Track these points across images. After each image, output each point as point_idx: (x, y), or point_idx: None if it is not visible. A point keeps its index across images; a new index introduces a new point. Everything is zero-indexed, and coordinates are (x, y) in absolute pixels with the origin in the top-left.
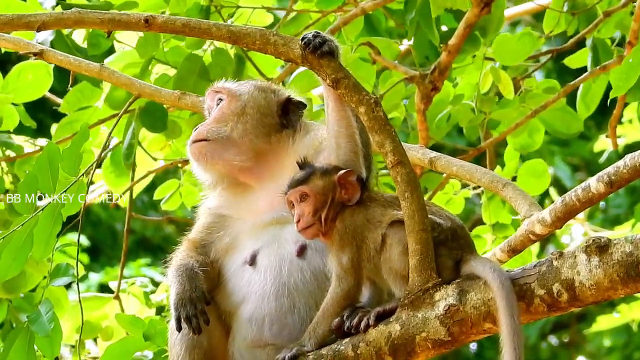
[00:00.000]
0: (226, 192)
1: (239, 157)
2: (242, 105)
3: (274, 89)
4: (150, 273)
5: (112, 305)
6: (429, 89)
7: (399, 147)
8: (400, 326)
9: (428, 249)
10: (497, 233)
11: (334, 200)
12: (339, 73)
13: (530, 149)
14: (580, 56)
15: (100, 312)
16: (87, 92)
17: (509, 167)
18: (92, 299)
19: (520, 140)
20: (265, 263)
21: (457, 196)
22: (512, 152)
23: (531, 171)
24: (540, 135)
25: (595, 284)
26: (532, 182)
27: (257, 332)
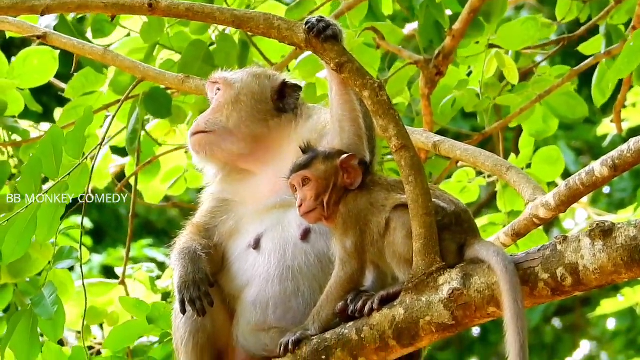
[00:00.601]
0: (229, 178)
1: (237, 146)
2: (236, 94)
3: (269, 74)
4: (153, 254)
5: (118, 290)
6: (433, 73)
7: (402, 131)
8: (404, 310)
9: (432, 233)
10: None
11: (336, 185)
12: (343, 57)
13: (546, 134)
14: (594, 43)
15: (105, 297)
16: (92, 77)
17: (524, 154)
18: (97, 285)
19: (535, 127)
20: (269, 247)
21: (472, 184)
22: (527, 138)
23: (545, 158)
24: (554, 121)
25: (599, 268)
26: (547, 169)
27: (261, 316)
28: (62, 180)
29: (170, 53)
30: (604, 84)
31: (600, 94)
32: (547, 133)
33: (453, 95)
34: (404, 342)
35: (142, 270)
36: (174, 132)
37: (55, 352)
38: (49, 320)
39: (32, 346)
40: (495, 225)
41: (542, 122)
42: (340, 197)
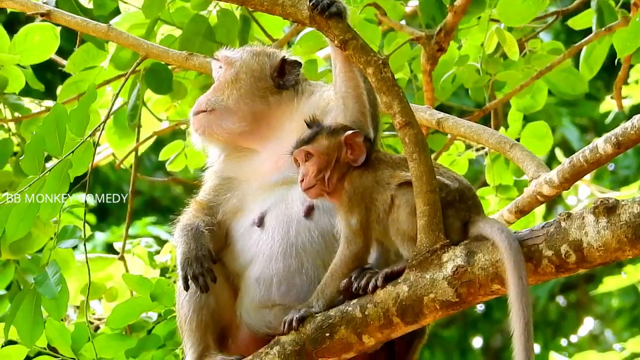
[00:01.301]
0: (231, 157)
1: (237, 124)
2: (236, 72)
3: (268, 52)
4: (157, 231)
5: (117, 265)
6: (434, 49)
7: (407, 108)
8: (408, 287)
9: (436, 210)
10: (501, 194)
11: (339, 161)
12: (347, 34)
13: (533, 109)
14: (585, 17)
15: (104, 272)
16: (93, 52)
17: (513, 128)
18: (96, 260)
19: (523, 102)
20: (273, 224)
21: (461, 157)
22: (516, 113)
23: (535, 133)
24: (543, 96)
25: (603, 245)
26: (536, 143)
27: (265, 293)
28: (65, 158)
29: (171, 28)
30: (592, 59)
31: (588, 69)
32: (535, 108)
33: (453, 71)
34: (407, 319)
35: (141, 246)
36: (175, 108)
37: (58, 329)
38: (52, 300)
39: (35, 324)
40: (482, 199)
41: (530, 97)
42: (344, 173)
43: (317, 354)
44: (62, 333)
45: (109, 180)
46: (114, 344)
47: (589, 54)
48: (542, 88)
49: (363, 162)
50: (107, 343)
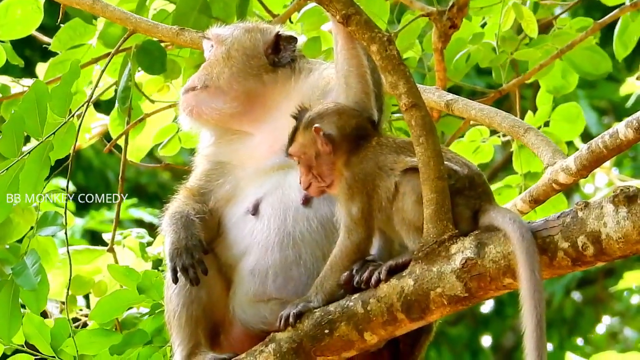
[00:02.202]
0: (224, 139)
1: (228, 105)
2: (227, 49)
3: (261, 27)
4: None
5: (106, 258)
6: (447, 26)
7: (413, 88)
8: (413, 281)
9: (444, 198)
10: (529, 182)
11: (320, 154)
12: (350, 8)
13: (565, 91)
14: None
15: (92, 265)
16: (80, 29)
17: (542, 111)
18: (83, 252)
19: (553, 82)
20: (268, 212)
21: (485, 144)
22: (545, 95)
23: (565, 115)
24: (574, 76)
25: (624, 236)
26: (566, 127)
27: (260, 286)
28: (46, 140)
29: (164, 3)
30: (626, 36)
31: (622, 46)
32: (566, 89)
33: (467, 49)
34: (413, 315)
35: (132, 237)
36: (168, 88)
37: (37, 325)
38: (31, 291)
39: (13, 318)
40: (510, 187)
41: (560, 78)
42: (335, 163)
43: (315, 352)
44: (41, 329)
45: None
46: (97, 340)
47: (623, 29)
48: (571, 68)
49: (362, 147)
50: (90, 339)
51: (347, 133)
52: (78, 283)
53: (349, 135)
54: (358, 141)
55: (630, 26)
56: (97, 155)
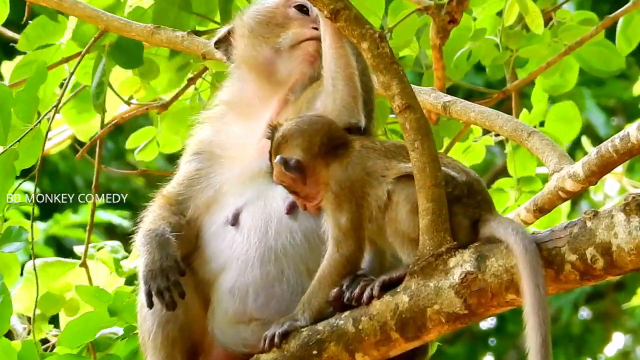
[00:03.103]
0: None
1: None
2: None
3: None
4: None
5: (77, 272)
6: (445, 21)
7: (407, 88)
8: (408, 297)
9: (441, 207)
10: (523, 187)
11: (296, 180)
12: (339, 3)
13: (563, 89)
14: None
15: (62, 281)
16: (49, 27)
17: (537, 110)
18: (53, 265)
19: (550, 81)
20: (249, 223)
21: (477, 143)
22: (541, 93)
23: (561, 115)
24: (573, 74)
25: (636, 247)
26: (563, 127)
27: (240, 305)
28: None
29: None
30: (630, 30)
31: (626, 42)
32: (565, 88)
33: (469, 46)
34: (408, 334)
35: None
36: (144, 89)
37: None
38: None
39: None
40: (503, 191)
41: (558, 76)
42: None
43: None
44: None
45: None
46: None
47: (627, 23)
48: (573, 65)
49: (343, 154)
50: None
51: (316, 151)
52: (48, 301)
53: (319, 151)
54: (335, 151)
55: (635, 19)
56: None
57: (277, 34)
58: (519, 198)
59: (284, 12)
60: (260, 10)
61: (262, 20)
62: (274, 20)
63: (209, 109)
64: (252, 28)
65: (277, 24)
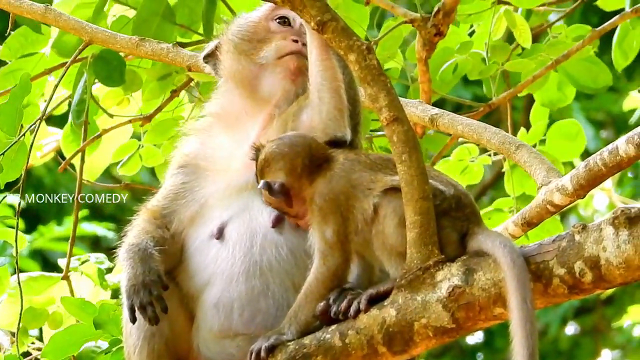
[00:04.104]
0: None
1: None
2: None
3: None
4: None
5: (60, 286)
6: (432, 34)
7: (395, 101)
8: (396, 311)
9: (429, 221)
10: (522, 205)
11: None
12: (326, 14)
13: (561, 103)
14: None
15: (46, 295)
16: (32, 36)
17: (537, 128)
18: (37, 279)
19: (549, 95)
20: (234, 237)
21: (475, 163)
22: (540, 109)
23: (564, 132)
24: (571, 88)
25: (625, 261)
26: (565, 145)
27: (225, 320)
28: None
29: (124, 9)
30: (626, 44)
31: (622, 55)
32: (563, 102)
33: (455, 59)
34: (395, 348)
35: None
36: (128, 102)
37: None
38: None
39: None
40: (501, 211)
41: (556, 90)
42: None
43: None
44: None
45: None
46: None
47: (623, 36)
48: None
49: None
50: None
51: (299, 172)
52: (31, 315)
53: (302, 172)
54: (319, 168)
55: (630, 34)
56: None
57: (259, 49)
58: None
59: (266, 26)
60: (243, 26)
61: (245, 36)
62: (256, 36)
63: (195, 120)
64: (236, 44)
65: (259, 39)
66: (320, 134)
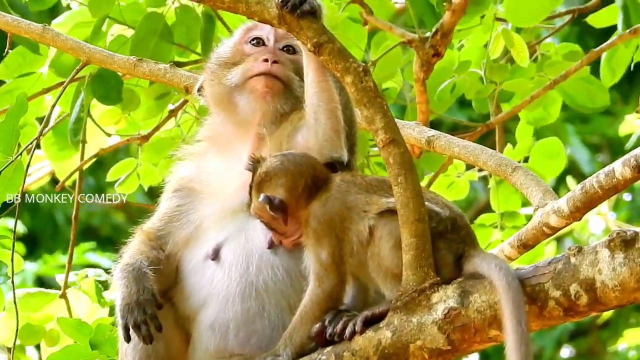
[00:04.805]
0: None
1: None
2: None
3: None
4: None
5: (58, 303)
6: (429, 54)
7: (391, 123)
8: (391, 333)
9: (425, 243)
10: (507, 222)
11: (276, 218)
12: (322, 36)
13: (545, 122)
14: (608, 13)
15: (43, 312)
16: (30, 55)
17: (522, 145)
18: (34, 296)
19: (534, 113)
20: (230, 258)
21: (460, 179)
22: (526, 127)
23: (546, 151)
24: (556, 107)
25: (620, 284)
26: (547, 163)
27: (221, 341)
28: None
29: (122, 28)
30: (614, 61)
31: (610, 73)
32: (546, 120)
33: (452, 79)
34: None
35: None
36: (125, 121)
37: None
38: None
39: None
40: (484, 227)
41: (541, 108)
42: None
43: None
44: None
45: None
46: None
47: (611, 55)
48: (556, 98)
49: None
50: None
51: (300, 192)
52: (28, 332)
53: (302, 193)
54: (317, 189)
55: (620, 51)
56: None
57: (229, 72)
58: (503, 234)
59: (241, 49)
60: (220, 52)
61: (221, 62)
62: (231, 59)
63: (190, 144)
64: (213, 70)
65: (234, 62)
66: (316, 155)
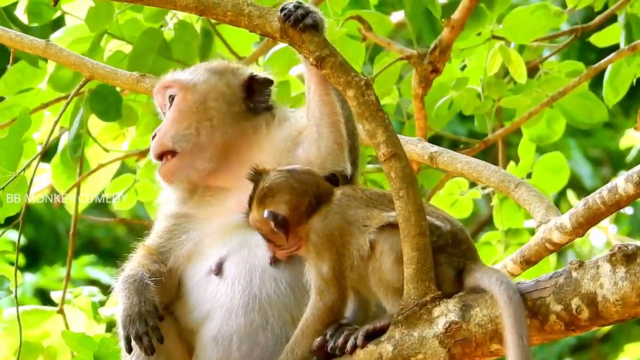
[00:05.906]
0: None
1: (211, 163)
2: (202, 98)
3: (232, 68)
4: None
5: (55, 320)
6: (428, 70)
7: (393, 137)
8: (392, 347)
9: (426, 256)
10: (511, 239)
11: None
12: (324, 50)
13: (549, 140)
14: (610, 33)
15: (41, 329)
16: (29, 71)
17: (525, 162)
18: (31, 313)
19: (537, 131)
20: (233, 272)
21: (464, 197)
22: (528, 144)
23: (548, 166)
24: (560, 124)
25: (621, 298)
26: (550, 178)
27: (224, 353)
28: None
29: (121, 43)
30: (617, 81)
31: (613, 92)
32: (551, 138)
33: (450, 95)
34: None
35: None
36: (124, 136)
37: None
38: None
39: None
40: (490, 245)
41: (545, 126)
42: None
43: None
44: None
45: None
46: None
47: (614, 73)
48: (559, 115)
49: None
50: None
51: (303, 210)
52: (26, 349)
53: (306, 209)
54: (318, 205)
55: (622, 70)
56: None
57: None
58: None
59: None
60: None
61: None
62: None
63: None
64: None
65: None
66: (318, 169)
